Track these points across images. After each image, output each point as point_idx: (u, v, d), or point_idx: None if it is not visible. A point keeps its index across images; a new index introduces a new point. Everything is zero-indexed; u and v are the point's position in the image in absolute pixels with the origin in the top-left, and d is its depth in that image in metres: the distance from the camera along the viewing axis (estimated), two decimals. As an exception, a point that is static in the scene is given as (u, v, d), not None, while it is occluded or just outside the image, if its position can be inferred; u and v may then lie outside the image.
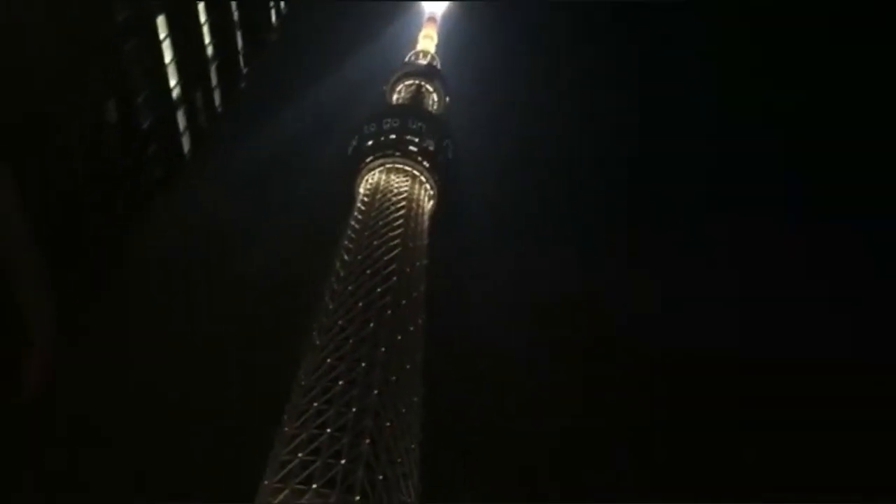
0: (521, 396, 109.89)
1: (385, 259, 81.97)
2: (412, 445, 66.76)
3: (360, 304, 75.48)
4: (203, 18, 41.12)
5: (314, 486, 57.34)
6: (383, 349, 70.11)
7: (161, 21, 36.36)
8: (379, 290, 77.24)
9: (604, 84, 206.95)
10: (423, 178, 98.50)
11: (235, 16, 46.00)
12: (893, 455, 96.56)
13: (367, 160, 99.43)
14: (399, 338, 73.21)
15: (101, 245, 34.39)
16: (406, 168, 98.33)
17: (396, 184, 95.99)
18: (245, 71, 49.14)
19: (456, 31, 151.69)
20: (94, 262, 34.10)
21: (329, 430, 61.73)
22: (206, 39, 41.93)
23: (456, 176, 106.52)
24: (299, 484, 57.89)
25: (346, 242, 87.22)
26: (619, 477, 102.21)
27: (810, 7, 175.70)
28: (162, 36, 36.57)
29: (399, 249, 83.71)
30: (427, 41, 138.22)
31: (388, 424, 64.27)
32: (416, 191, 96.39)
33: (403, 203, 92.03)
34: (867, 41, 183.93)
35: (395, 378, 68.69)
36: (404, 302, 77.72)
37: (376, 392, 65.47)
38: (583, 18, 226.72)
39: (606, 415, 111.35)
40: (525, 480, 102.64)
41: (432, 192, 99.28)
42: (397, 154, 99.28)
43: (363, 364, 68.00)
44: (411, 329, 76.39)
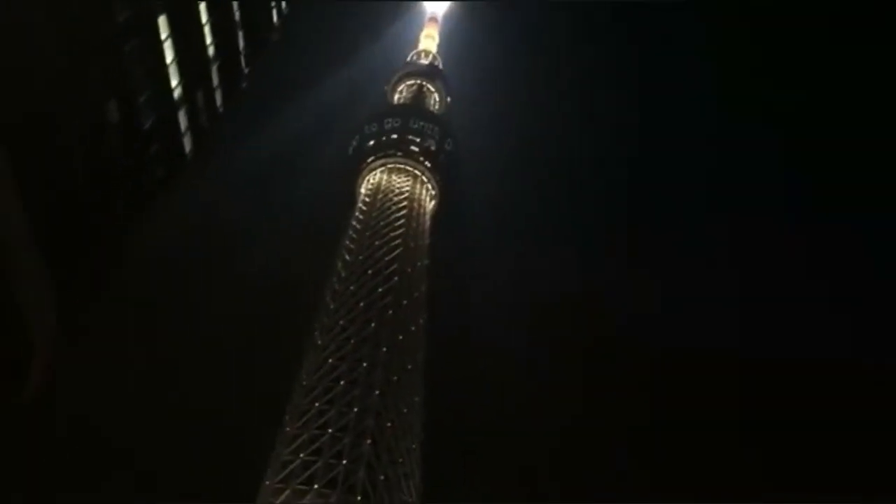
0: (521, 396, 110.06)
1: (386, 259, 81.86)
2: (413, 445, 66.69)
3: (361, 304, 75.39)
4: (204, 18, 41.06)
5: (316, 487, 57.31)
6: (385, 349, 70.04)
7: (162, 21, 36.31)
8: (380, 289, 77.15)
9: (604, 84, 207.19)
10: (424, 178, 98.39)
11: (237, 16, 45.92)
12: (893, 455, 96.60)
13: (369, 160, 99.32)
14: (400, 338, 73.13)
15: (101, 245, 34.32)
16: (407, 168, 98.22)
17: (398, 184, 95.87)
18: (246, 71, 49.07)
19: (457, 30, 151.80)
20: (94, 262, 34.03)
21: (331, 431, 61.67)
22: (208, 39, 41.88)
23: (457, 176, 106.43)
24: (301, 484, 57.84)
25: (347, 242, 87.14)
26: (619, 477, 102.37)
27: (810, 7, 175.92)
28: (163, 36, 36.52)
29: (400, 249, 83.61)
30: (428, 41, 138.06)
31: (389, 424, 64.20)
32: (418, 190, 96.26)
33: (405, 203, 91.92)
34: (867, 41, 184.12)
35: (396, 378, 68.61)
36: (406, 302, 77.63)
37: (378, 392, 65.40)
38: (583, 18, 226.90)
39: (606, 415, 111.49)
40: (525, 480, 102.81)
41: (434, 192, 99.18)
42: (399, 154, 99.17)
43: (365, 364, 67.93)
44: (413, 329, 76.31)
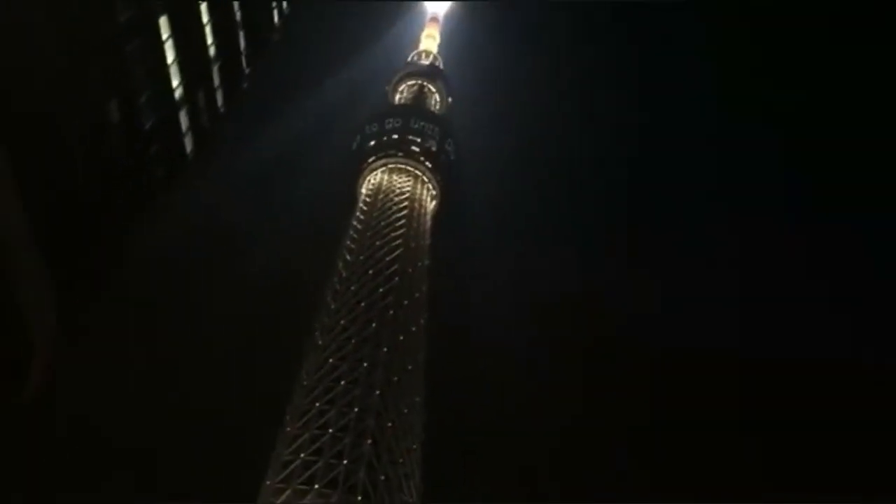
0: (521, 396, 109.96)
1: (387, 259, 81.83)
2: (414, 446, 66.67)
3: (362, 304, 75.38)
4: (205, 19, 41.08)
5: (316, 487, 57.31)
6: (385, 349, 70.02)
7: (164, 21, 36.32)
8: (381, 290, 77.12)
9: (604, 84, 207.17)
10: (425, 178, 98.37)
11: (238, 16, 45.92)
12: (893, 455, 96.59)
13: (370, 160, 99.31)
14: (401, 338, 73.11)
15: (101, 245, 34.29)
16: (408, 168, 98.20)
17: (399, 184, 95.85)
18: (247, 71, 49.07)
19: (458, 30, 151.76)
20: (94, 262, 34.01)
21: (331, 431, 61.66)
22: (209, 40, 41.90)
23: (458, 176, 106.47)
24: (301, 484, 57.84)
25: (348, 242, 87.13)
26: (619, 477, 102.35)
27: (810, 7, 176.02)
28: (164, 36, 36.53)
29: (401, 249, 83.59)
30: (429, 41, 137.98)
31: (390, 425, 64.19)
32: (419, 191, 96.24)
33: (406, 203, 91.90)
34: (867, 41, 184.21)
35: (397, 378, 68.59)
36: (407, 302, 77.60)
37: (378, 392, 65.38)
38: (583, 18, 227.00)
39: (606, 415, 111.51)
40: (525, 480, 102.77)
41: (434, 192, 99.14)
42: (400, 154, 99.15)
43: (365, 364, 67.92)
44: (413, 329, 76.30)
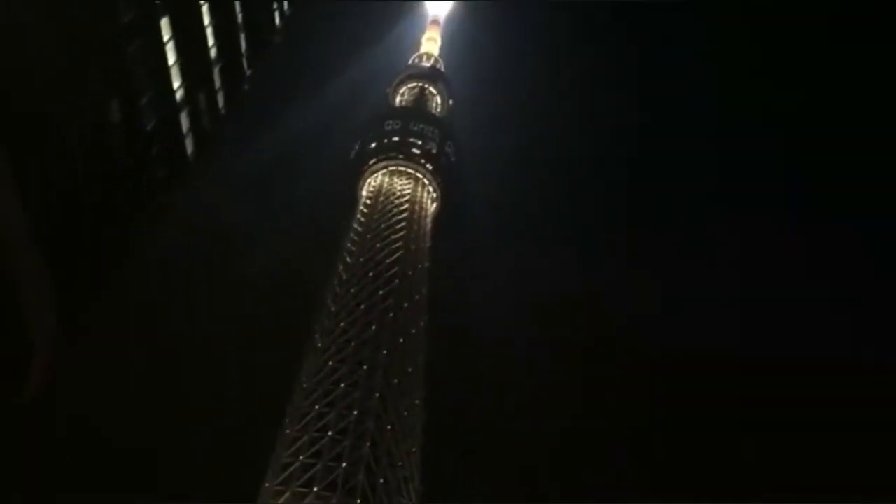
0: (521, 396, 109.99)
1: (387, 262, 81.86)
2: (413, 448, 66.67)
3: (362, 307, 75.40)
4: (207, 20, 41.14)
5: (315, 489, 57.28)
6: (385, 352, 70.02)
7: (165, 23, 36.39)
8: (381, 292, 77.13)
9: (604, 84, 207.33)
10: (425, 181, 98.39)
11: (239, 18, 45.97)
12: (893, 455, 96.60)
13: (370, 162, 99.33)
14: (401, 340, 73.11)
15: (101, 245, 34.29)
16: (409, 170, 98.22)
17: (399, 186, 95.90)
18: (248, 73, 49.11)
19: (459, 32, 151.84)
20: (94, 262, 34.01)
21: (330, 433, 61.67)
22: (210, 41, 41.96)
23: (458, 176, 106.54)
24: (300, 486, 57.81)
25: (348, 245, 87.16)
26: (619, 477, 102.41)
27: (810, 7, 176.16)
28: (166, 38, 36.59)
29: (401, 252, 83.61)
30: (430, 44, 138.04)
31: (389, 427, 64.18)
32: (419, 193, 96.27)
33: (406, 205, 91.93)
34: (867, 41, 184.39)
35: (396, 381, 68.59)
36: (406, 305, 77.61)
37: (378, 395, 65.39)
38: (583, 18, 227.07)
39: (606, 415, 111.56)
40: (525, 480, 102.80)
41: (435, 195, 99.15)
42: (400, 156, 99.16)
43: (365, 367, 67.93)
44: (413, 332, 76.29)
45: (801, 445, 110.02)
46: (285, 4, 54.35)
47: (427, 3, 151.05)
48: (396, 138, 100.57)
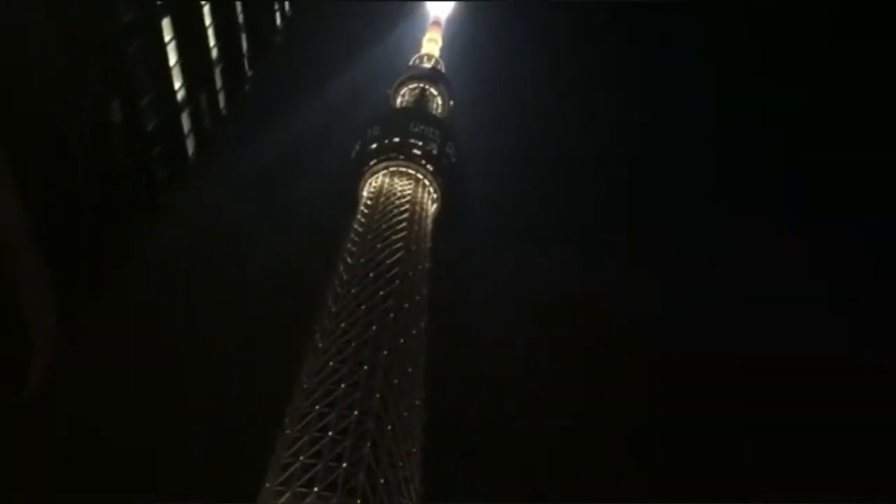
0: (521, 396, 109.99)
1: (388, 262, 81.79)
2: (413, 449, 66.60)
3: (362, 307, 75.32)
4: (208, 21, 41.22)
5: (316, 489, 57.19)
6: (386, 352, 69.94)
7: (166, 23, 36.46)
8: (382, 293, 77.05)
9: (604, 84, 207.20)
10: (426, 182, 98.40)
11: (240, 18, 46.06)
12: (893, 455, 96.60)
13: (371, 163, 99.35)
14: (402, 341, 73.05)
15: (101, 245, 34.30)
16: (409, 171, 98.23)
17: (400, 187, 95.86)
18: (249, 73, 49.18)
19: (460, 33, 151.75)
20: (94, 262, 34.01)
21: (331, 434, 61.55)
22: (211, 42, 42.05)
23: (459, 176, 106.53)
24: (301, 487, 57.72)
25: (349, 245, 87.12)
26: (619, 477, 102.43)
27: (810, 7, 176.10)
28: (167, 38, 36.66)
29: (402, 253, 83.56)
30: (431, 45, 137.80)
31: (389, 428, 64.10)
32: (420, 194, 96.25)
33: (406, 206, 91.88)
34: (867, 41, 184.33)
35: (397, 381, 68.51)
36: (407, 305, 77.54)
37: (378, 395, 65.31)
38: (583, 18, 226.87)
39: (606, 415, 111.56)
40: (525, 480, 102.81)
41: (435, 196, 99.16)
42: (401, 157, 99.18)
43: (365, 367, 67.82)
44: (414, 332, 76.22)
45: (801, 445, 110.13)
46: (286, 5, 54.42)
47: (428, 3, 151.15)
48: (397, 139, 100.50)
